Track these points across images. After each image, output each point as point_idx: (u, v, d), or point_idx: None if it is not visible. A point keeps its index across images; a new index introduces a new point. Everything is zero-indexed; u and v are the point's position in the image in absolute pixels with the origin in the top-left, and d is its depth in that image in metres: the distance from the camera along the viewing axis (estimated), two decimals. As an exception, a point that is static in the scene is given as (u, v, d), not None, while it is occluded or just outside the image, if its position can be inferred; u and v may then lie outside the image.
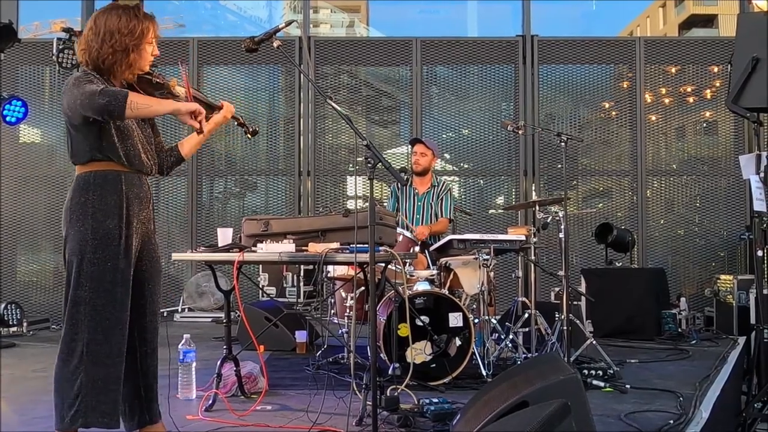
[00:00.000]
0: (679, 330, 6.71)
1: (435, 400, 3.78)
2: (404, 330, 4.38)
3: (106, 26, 2.92)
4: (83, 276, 2.85)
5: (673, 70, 8.75)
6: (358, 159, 8.61)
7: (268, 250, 3.96)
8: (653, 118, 8.72)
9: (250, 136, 3.39)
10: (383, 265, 3.98)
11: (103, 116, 2.82)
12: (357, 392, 3.68)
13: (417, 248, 5.20)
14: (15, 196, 8.54)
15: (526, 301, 5.20)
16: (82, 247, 2.85)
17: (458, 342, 4.52)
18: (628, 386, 4.40)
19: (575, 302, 6.06)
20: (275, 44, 3.42)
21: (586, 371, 4.60)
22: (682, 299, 7.10)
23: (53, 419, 2.90)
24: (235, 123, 3.31)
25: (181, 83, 3.12)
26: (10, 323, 6.93)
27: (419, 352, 4.43)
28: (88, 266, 2.85)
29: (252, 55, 3.53)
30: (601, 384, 4.44)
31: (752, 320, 6.35)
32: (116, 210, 2.90)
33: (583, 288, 6.90)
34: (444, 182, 6.12)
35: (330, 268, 4.97)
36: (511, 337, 5.01)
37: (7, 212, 8.49)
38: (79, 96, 2.78)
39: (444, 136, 8.92)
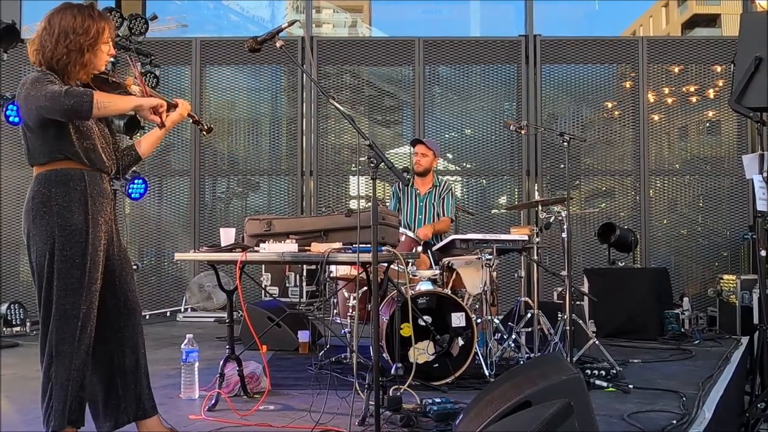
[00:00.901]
0: (682, 330, 6.70)
1: (438, 400, 3.77)
2: (407, 330, 4.38)
3: (60, 26, 2.88)
4: (53, 274, 2.81)
5: (676, 69, 8.75)
6: (360, 159, 8.61)
7: (271, 249, 3.96)
8: (656, 117, 8.71)
9: (205, 133, 3.37)
10: (386, 265, 3.98)
11: (69, 117, 2.79)
12: (360, 392, 3.67)
13: (419, 248, 5.19)
14: (18, 196, 8.55)
15: (529, 300, 5.20)
16: (50, 245, 2.81)
17: (461, 342, 4.52)
18: (630, 386, 4.39)
19: (578, 302, 6.06)
20: (278, 44, 3.43)
21: (588, 371, 4.59)
22: (685, 299, 7.08)
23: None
24: (191, 120, 3.29)
25: (136, 82, 3.10)
26: (13, 323, 6.93)
27: (422, 352, 4.43)
28: (57, 264, 2.80)
29: (255, 55, 3.53)
30: (604, 384, 4.44)
31: (755, 320, 6.33)
32: (81, 206, 2.85)
33: (585, 288, 6.89)
34: (445, 182, 6.12)
35: (332, 268, 4.97)
36: (513, 336, 5.01)
37: (10, 212, 8.51)
38: (42, 97, 2.74)
39: (446, 135, 8.92)
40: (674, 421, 3.63)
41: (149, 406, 3.09)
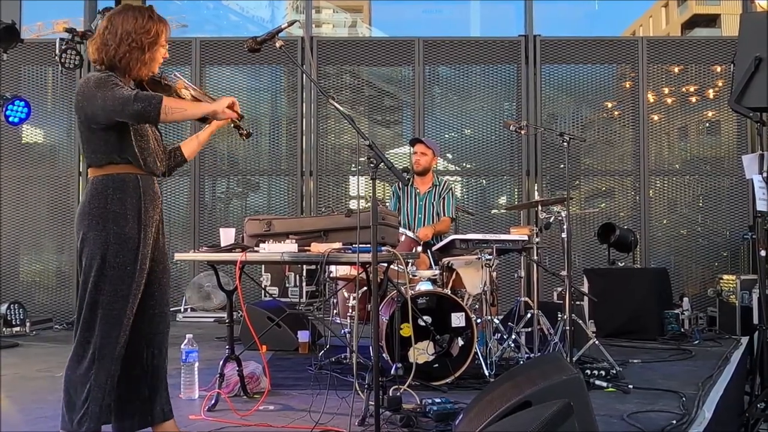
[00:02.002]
0: (682, 330, 6.70)
1: (437, 400, 3.78)
2: (407, 330, 4.38)
3: (123, 27, 2.95)
4: (103, 279, 2.87)
5: (676, 69, 8.74)
6: (360, 159, 8.61)
7: (271, 250, 3.97)
8: (656, 117, 8.71)
9: (244, 137, 3.40)
10: (386, 265, 3.98)
11: (137, 121, 2.88)
12: (359, 392, 3.68)
13: (419, 248, 5.20)
14: (18, 196, 8.55)
15: (529, 301, 5.20)
16: (103, 250, 2.88)
17: (461, 342, 4.52)
18: (630, 386, 4.39)
19: (578, 302, 6.06)
20: (278, 44, 3.43)
21: (588, 371, 4.60)
22: (685, 299, 7.09)
23: (58, 417, 2.90)
24: (231, 125, 3.31)
25: (187, 86, 3.16)
26: (13, 323, 6.94)
27: (422, 352, 4.43)
28: (110, 270, 2.87)
29: (254, 55, 3.54)
30: (604, 384, 4.44)
31: (755, 320, 6.33)
32: (135, 214, 2.94)
33: (585, 288, 6.89)
34: (445, 182, 6.12)
35: (332, 268, 4.97)
36: (513, 337, 5.01)
37: (10, 212, 8.50)
38: (110, 100, 2.81)
39: (446, 136, 8.92)
40: (674, 421, 3.63)
41: (168, 409, 3.14)
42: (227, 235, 4.16)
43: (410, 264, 4.90)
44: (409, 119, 8.93)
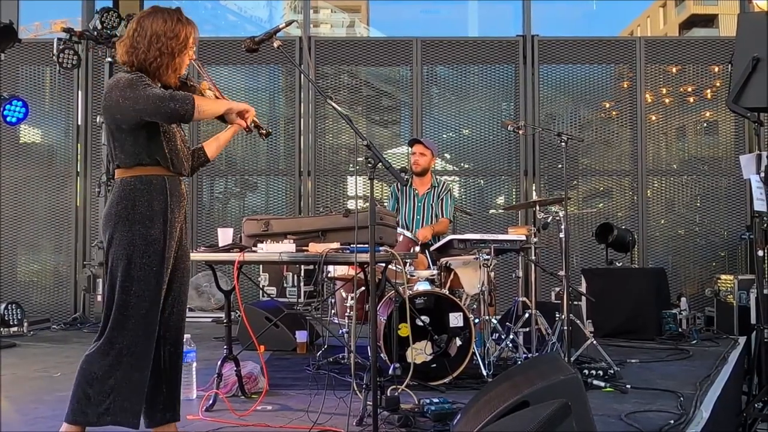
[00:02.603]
0: (680, 330, 6.71)
1: (435, 400, 3.78)
2: (405, 330, 4.38)
3: (152, 29, 2.95)
4: (130, 280, 2.88)
5: (674, 69, 8.75)
6: (358, 159, 8.61)
7: (269, 250, 3.97)
8: (654, 117, 8.72)
9: (264, 137, 3.41)
10: (384, 265, 3.98)
11: (172, 120, 2.90)
12: (357, 392, 3.68)
13: (417, 248, 5.19)
14: (15, 196, 8.54)
15: (527, 301, 5.20)
16: (129, 251, 2.88)
17: (459, 342, 4.52)
18: (628, 386, 4.40)
19: (576, 302, 6.05)
20: (275, 44, 3.43)
21: (586, 371, 4.60)
22: (683, 299, 7.08)
23: (56, 417, 2.89)
24: (252, 125, 3.33)
25: (210, 86, 3.20)
26: (11, 323, 6.92)
27: (420, 352, 4.43)
28: (137, 271, 2.89)
29: (252, 55, 3.54)
30: (602, 384, 4.44)
31: (753, 320, 6.35)
32: (162, 216, 2.94)
33: (583, 288, 6.90)
34: (444, 182, 6.12)
35: (330, 268, 4.97)
36: (511, 337, 5.01)
37: (8, 212, 8.49)
38: (144, 100, 2.82)
39: (444, 136, 8.92)
40: (672, 421, 3.63)
41: (178, 410, 3.14)
42: (225, 235, 4.16)
43: (408, 264, 4.90)
44: (407, 119, 8.93)
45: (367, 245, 3.31)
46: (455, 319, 4.55)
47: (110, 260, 2.93)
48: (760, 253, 4.26)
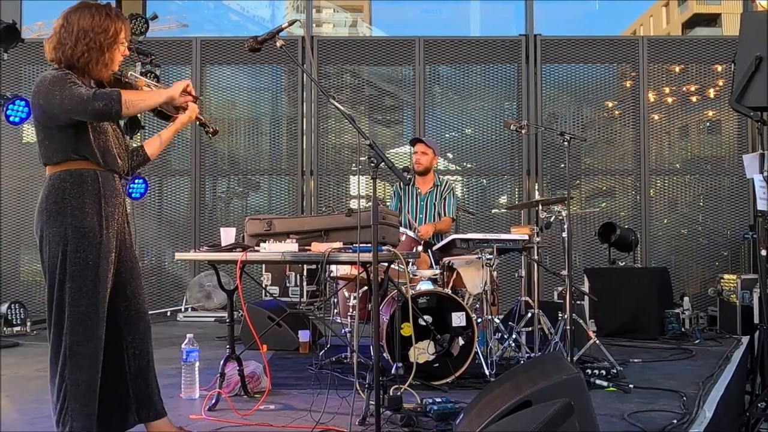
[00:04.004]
0: (683, 329, 6.70)
1: (438, 399, 3.77)
2: (407, 329, 4.38)
3: (79, 24, 2.88)
4: (66, 276, 2.80)
5: (677, 69, 8.75)
6: (361, 158, 8.61)
7: (271, 249, 3.96)
8: (656, 117, 8.71)
9: (210, 135, 3.37)
10: (386, 264, 3.98)
11: (99, 120, 2.82)
12: (360, 392, 3.67)
13: (420, 248, 5.19)
14: (18, 196, 8.56)
15: (529, 300, 5.20)
16: (63, 246, 2.81)
17: (461, 341, 4.52)
18: (631, 386, 4.39)
19: (578, 302, 6.05)
20: (278, 44, 3.43)
21: (589, 371, 4.59)
22: (686, 299, 7.08)
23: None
24: (197, 123, 3.30)
25: (149, 83, 3.14)
26: (14, 323, 6.94)
27: (422, 352, 4.43)
28: (71, 266, 2.80)
29: (255, 54, 3.53)
30: (605, 383, 4.44)
31: (756, 320, 6.34)
32: (95, 208, 2.86)
33: (586, 287, 6.89)
34: (447, 182, 6.12)
35: (333, 267, 4.97)
36: (514, 336, 5.01)
37: (10, 212, 8.51)
38: (69, 100, 2.75)
39: (447, 135, 8.92)
40: (674, 421, 3.63)
41: (160, 408, 3.12)
42: (228, 235, 4.16)
43: (411, 263, 4.90)
44: (409, 119, 8.94)
45: (369, 245, 3.31)
46: (458, 319, 4.54)
47: (46, 258, 2.85)
48: (764, 252, 4.25)
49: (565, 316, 4.67)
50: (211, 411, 3.81)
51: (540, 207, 5.14)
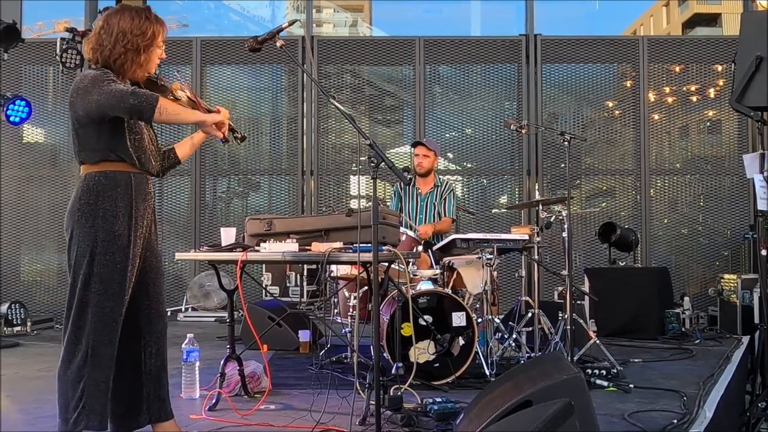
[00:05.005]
0: (683, 329, 6.70)
1: (438, 399, 3.78)
2: (407, 329, 4.38)
3: (119, 26, 2.95)
4: (92, 277, 2.86)
5: (677, 69, 8.74)
6: (361, 158, 8.61)
7: (272, 249, 3.97)
8: (657, 117, 8.71)
9: (239, 141, 3.40)
10: (386, 264, 3.98)
11: (131, 116, 2.87)
12: (360, 392, 3.68)
13: (420, 248, 5.19)
14: (18, 196, 8.56)
15: (530, 300, 5.20)
16: (92, 248, 2.86)
17: (461, 341, 4.52)
18: (631, 386, 4.39)
19: (578, 302, 6.05)
20: (278, 44, 3.43)
21: (589, 370, 4.59)
22: (686, 298, 7.08)
23: (57, 417, 2.89)
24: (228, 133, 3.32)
25: (183, 87, 3.17)
26: (14, 323, 6.94)
27: (422, 352, 4.43)
28: (98, 267, 2.86)
29: (255, 54, 3.53)
30: (605, 383, 4.44)
31: (756, 319, 6.33)
32: (126, 212, 2.92)
33: (586, 287, 6.89)
34: (447, 182, 6.12)
35: (333, 267, 4.97)
36: (514, 336, 5.01)
37: (11, 212, 8.51)
38: (105, 95, 2.81)
39: (447, 135, 8.91)
40: (675, 421, 3.63)
41: (169, 409, 3.13)
42: (228, 235, 4.16)
43: (411, 263, 4.90)
44: (409, 119, 8.94)
45: (369, 245, 3.31)
46: (458, 319, 4.54)
47: (73, 257, 2.90)
48: (764, 252, 4.24)
49: (566, 316, 4.67)
50: (211, 411, 3.81)
51: (540, 207, 5.14)
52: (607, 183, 8.88)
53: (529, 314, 5.05)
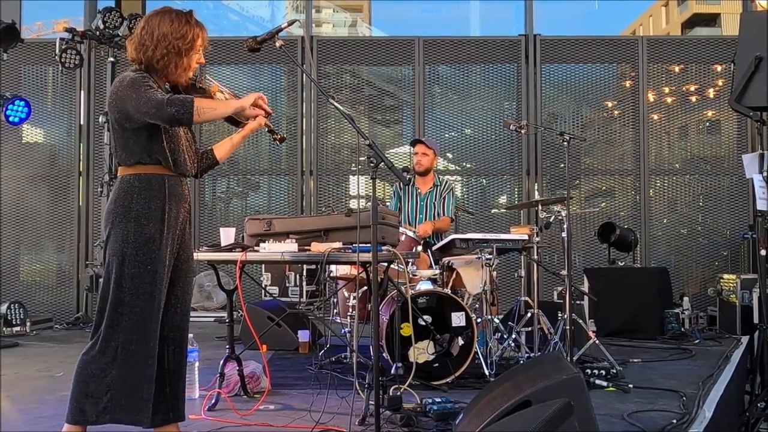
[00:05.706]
0: (682, 329, 6.70)
1: (438, 399, 3.78)
2: (407, 329, 4.38)
3: (159, 29, 2.97)
4: (124, 277, 2.90)
5: (676, 69, 8.74)
6: (360, 158, 8.61)
7: (271, 249, 3.97)
8: (656, 117, 8.71)
9: (278, 142, 3.42)
10: (386, 264, 3.98)
11: (172, 124, 2.91)
12: (360, 392, 3.68)
13: (419, 248, 5.20)
14: (18, 196, 8.55)
15: (529, 300, 5.20)
16: (123, 248, 2.90)
17: (461, 341, 4.52)
18: (630, 386, 4.39)
19: (578, 302, 6.06)
20: (278, 44, 3.43)
21: (588, 371, 4.60)
22: (685, 298, 7.09)
23: (58, 417, 2.89)
24: (265, 129, 3.35)
25: (221, 89, 3.20)
26: (14, 323, 6.94)
27: (422, 352, 4.43)
28: (129, 268, 2.89)
29: (254, 54, 3.54)
30: (604, 383, 4.44)
31: (755, 319, 6.34)
32: (159, 215, 2.94)
33: (585, 287, 6.89)
34: (446, 182, 6.12)
35: (332, 267, 4.97)
36: (513, 336, 5.01)
37: (10, 212, 8.50)
38: (145, 103, 2.83)
39: (446, 135, 8.91)
40: (674, 421, 3.63)
41: (182, 411, 3.13)
42: (227, 235, 4.16)
43: (410, 263, 4.90)
44: (409, 119, 8.93)
45: (369, 245, 3.31)
46: (457, 319, 4.55)
47: (107, 256, 2.96)
48: (763, 252, 4.24)
49: (565, 316, 4.67)
50: (210, 411, 3.81)
51: (539, 207, 5.15)
52: (607, 183, 8.88)
53: (529, 314, 5.05)
